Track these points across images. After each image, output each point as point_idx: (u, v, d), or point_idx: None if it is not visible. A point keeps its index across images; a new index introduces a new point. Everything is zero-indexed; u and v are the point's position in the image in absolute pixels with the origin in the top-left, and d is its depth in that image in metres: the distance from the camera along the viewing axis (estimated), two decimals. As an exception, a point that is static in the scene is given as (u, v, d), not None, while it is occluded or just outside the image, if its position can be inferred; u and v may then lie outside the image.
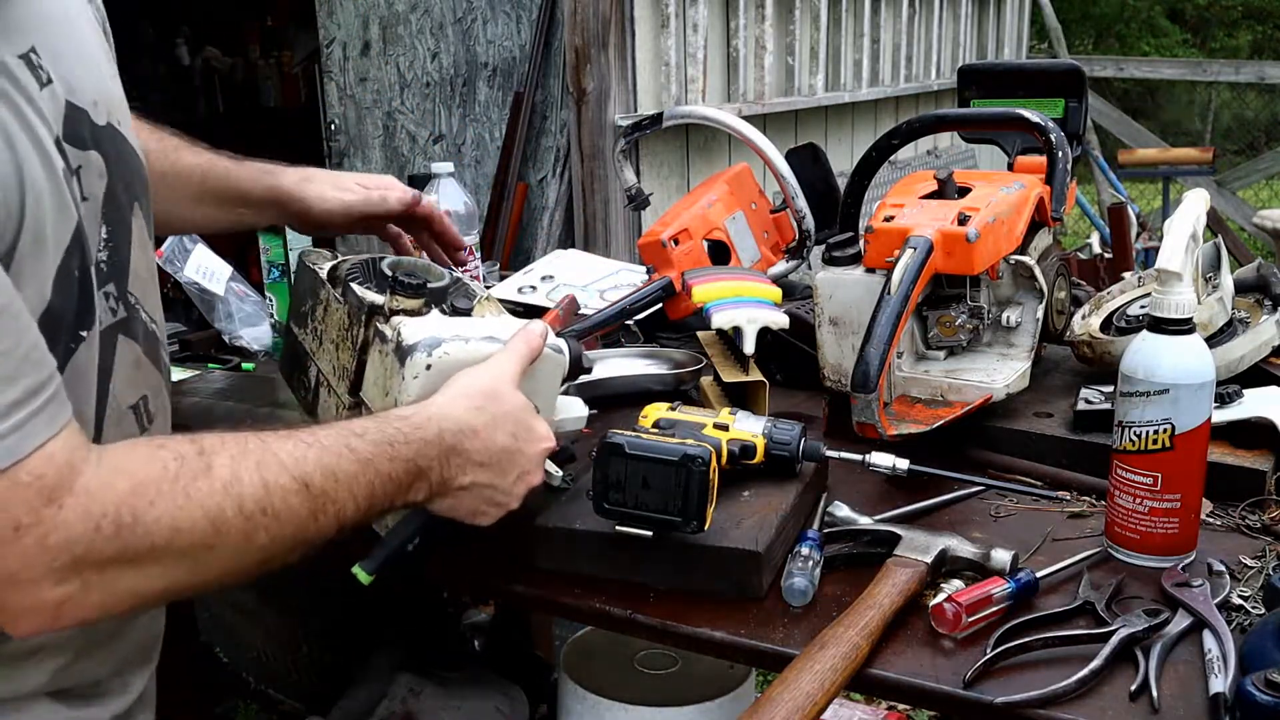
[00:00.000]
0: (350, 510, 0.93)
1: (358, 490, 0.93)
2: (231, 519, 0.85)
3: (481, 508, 1.06)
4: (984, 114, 1.73)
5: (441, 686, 2.22)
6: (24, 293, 0.82)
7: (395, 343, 1.10)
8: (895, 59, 5.32)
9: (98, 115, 0.96)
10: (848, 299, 1.45)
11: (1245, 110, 10.46)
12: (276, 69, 6.98)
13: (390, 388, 1.10)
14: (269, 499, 0.87)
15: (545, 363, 1.13)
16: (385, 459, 0.96)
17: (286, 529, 0.89)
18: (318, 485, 0.90)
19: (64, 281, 0.88)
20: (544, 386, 1.14)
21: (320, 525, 0.91)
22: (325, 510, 0.91)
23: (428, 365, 1.07)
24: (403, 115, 4.16)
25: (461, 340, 1.09)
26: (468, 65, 3.97)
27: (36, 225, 0.84)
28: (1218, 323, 1.43)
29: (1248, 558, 1.14)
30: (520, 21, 3.82)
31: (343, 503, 0.92)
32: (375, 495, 0.95)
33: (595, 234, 3.61)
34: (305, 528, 0.90)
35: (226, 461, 0.86)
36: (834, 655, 0.97)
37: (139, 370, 1.04)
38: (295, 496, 0.89)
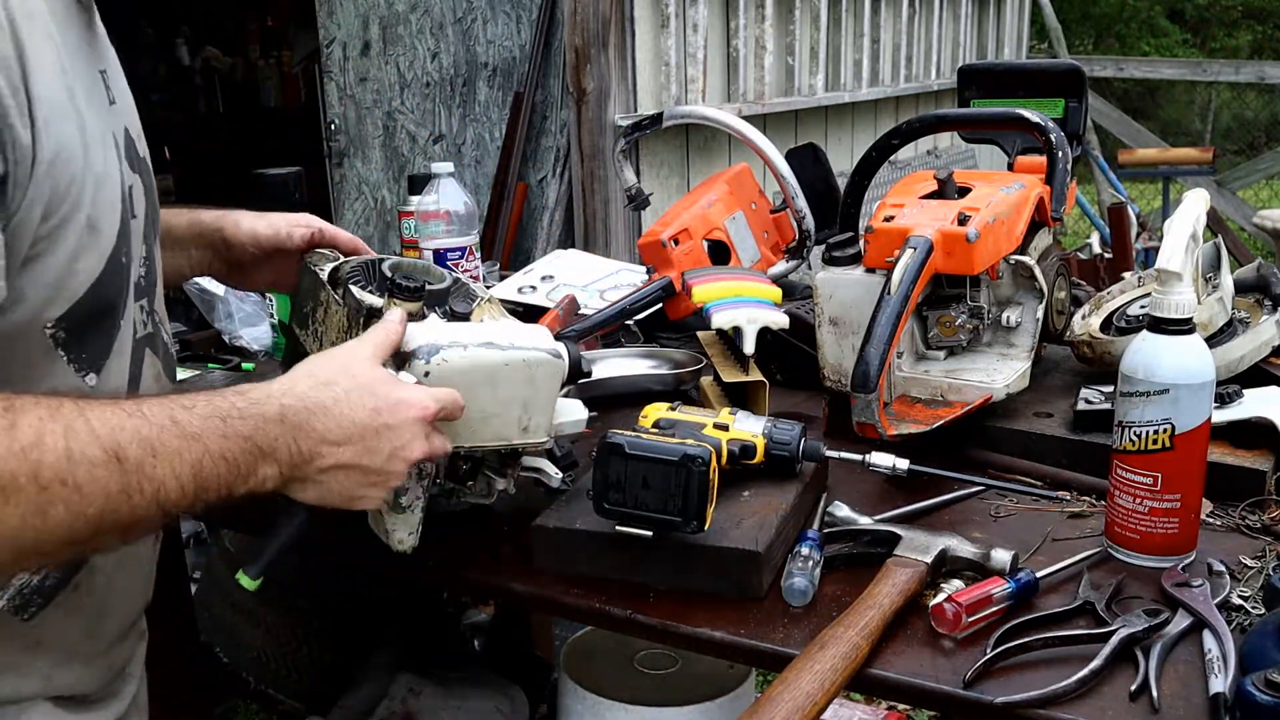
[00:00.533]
0: (173, 490, 0.85)
1: (181, 468, 0.85)
2: (24, 486, 0.78)
3: (357, 491, 0.98)
4: (984, 114, 1.73)
5: (441, 686, 2.22)
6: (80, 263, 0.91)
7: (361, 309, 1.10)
8: (895, 59, 5.32)
9: (140, 147, 1.06)
10: (848, 299, 1.45)
11: (1245, 110, 10.46)
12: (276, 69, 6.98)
13: None
14: (71, 470, 0.80)
15: (543, 367, 1.12)
16: (216, 435, 0.87)
17: (91, 505, 0.81)
18: (132, 459, 0.83)
19: (113, 266, 0.95)
20: (543, 391, 1.13)
21: (135, 505, 0.83)
22: (140, 489, 0.83)
23: (426, 372, 1.06)
24: (403, 115, 4.16)
25: (460, 347, 1.08)
26: (468, 65, 3.97)
27: (93, 210, 0.91)
28: (1218, 323, 1.43)
29: (1248, 558, 1.14)
30: (520, 21, 3.82)
31: (162, 480, 0.84)
32: (204, 476, 0.87)
33: (595, 234, 3.61)
34: (115, 506, 0.82)
35: (33, 422, 0.80)
36: (834, 655, 0.97)
37: (158, 384, 1.08)
38: (103, 469, 0.81)
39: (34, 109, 0.84)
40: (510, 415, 1.11)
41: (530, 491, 1.23)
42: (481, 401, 1.09)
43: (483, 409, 1.09)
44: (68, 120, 0.89)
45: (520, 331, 1.16)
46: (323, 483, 0.96)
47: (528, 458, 1.21)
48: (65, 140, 0.88)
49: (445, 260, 1.92)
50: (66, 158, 0.88)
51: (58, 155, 0.87)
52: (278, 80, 7.00)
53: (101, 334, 0.95)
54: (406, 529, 1.10)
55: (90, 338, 0.94)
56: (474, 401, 1.08)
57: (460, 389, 1.06)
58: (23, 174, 0.84)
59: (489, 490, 1.20)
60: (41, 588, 0.98)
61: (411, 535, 1.10)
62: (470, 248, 1.96)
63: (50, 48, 0.88)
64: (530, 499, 1.23)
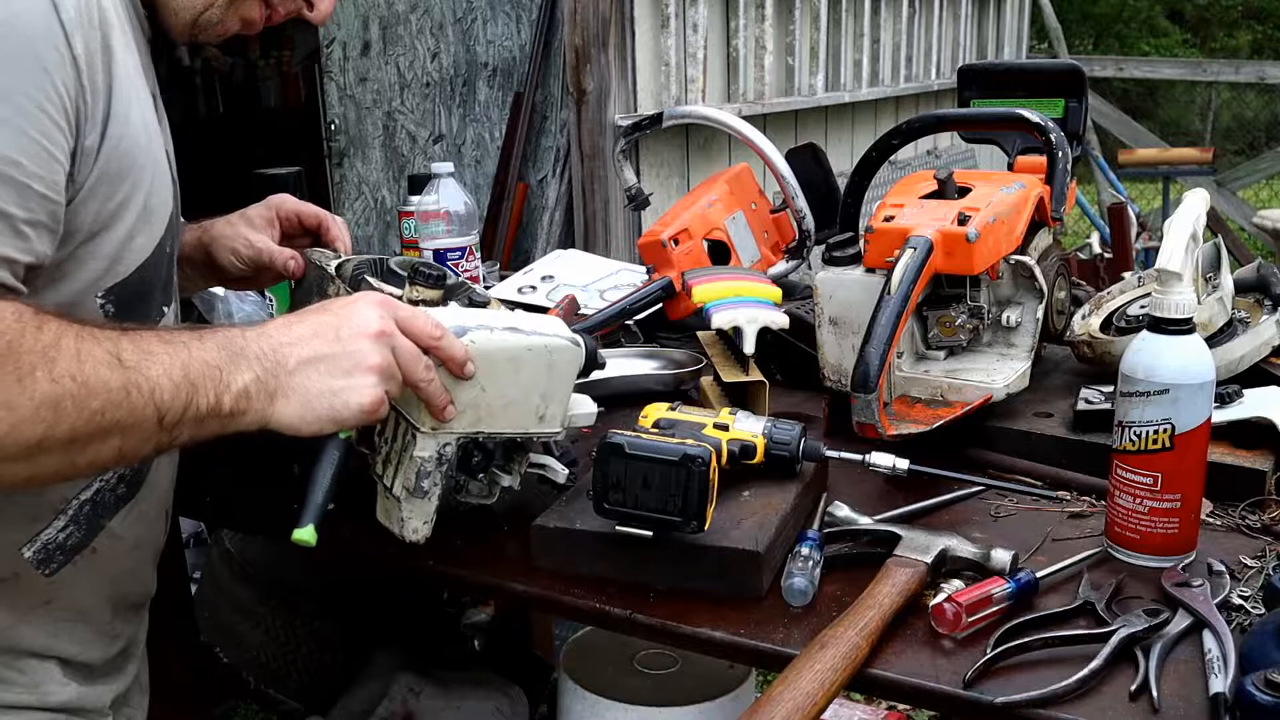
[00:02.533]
0: (166, 389, 0.91)
1: (171, 367, 0.91)
2: (40, 379, 0.85)
3: (336, 382, 0.98)
4: (984, 114, 1.73)
5: (441, 686, 2.22)
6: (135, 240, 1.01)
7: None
8: (895, 59, 5.32)
9: (173, 164, 1.13)
10: (848, 299, 1.45)
11: (1245, 110, 10.46)
12: (276, 69, 6.98)
13: None
14: (79, 366, 0.87)
15: (564, 354, 1.12)
16: (195, 343, 0.94)
17: (95, 399, 0.87)
18: (130, 360, 0.89)
19: (159, 255, 1.05)
20: (561, 380, 1.13)
21: (134, 404, 0.89)
22: (139, 386, 0.89)
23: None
24: (403, 115, 4.16)
25: (487, 329, 1.09)
26: (468, 65, 3.97)
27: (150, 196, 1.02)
28: (1218, 323, 1.43)
29: (1248, 558, 1.14)
30: (520, 21, 3.82)
31: (156, 379, 0.90)
32: (192, 375, 0.92)
33: (595, 234, 3.61)
34: (116, 404, 0.88)
35: (55, 328, 0.88)
36: (834, 655, 0.97)
37: None
38: (106, 368, 0.88)
39: (113, 88, 0.96)
40: (529, 403, 1.12)
41: (530, 491, 1.23)
42: (503, 385, 1.10)
43: (504, 393, 1.10)
44: (135, 106, 1.00)
45: (540, 320, 1.16)
46: (299, 388, 0.98)
47: (534, 455, 1.21)
48: (134, 124, 0.99)
49: (445, 260, 1.92)
50: (132, 141, 0.99)
51: (125, 135, 0.97)
52: (278, 80, 6.99)
53: (141, 315, 1.03)
54: (421, 518, 1.11)
55: (132, 317, 1.01)
56: (496, 385, 1.09)
57: (484, 371, 1.07)
58: (91, 147, 0.94)
59: (489, 491, 1.20)
60: (64, 545, 1.02)
61: (426, 525, 1.11)
62: (470, 248, 1.96)
63: (129, 53, 1.01)
64: (530, 499, 1.23)
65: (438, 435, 1.08)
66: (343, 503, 1.36)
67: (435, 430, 1.08)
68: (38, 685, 1.05)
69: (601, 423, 1.24)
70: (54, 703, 1.06)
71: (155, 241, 1.04)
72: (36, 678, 1.05)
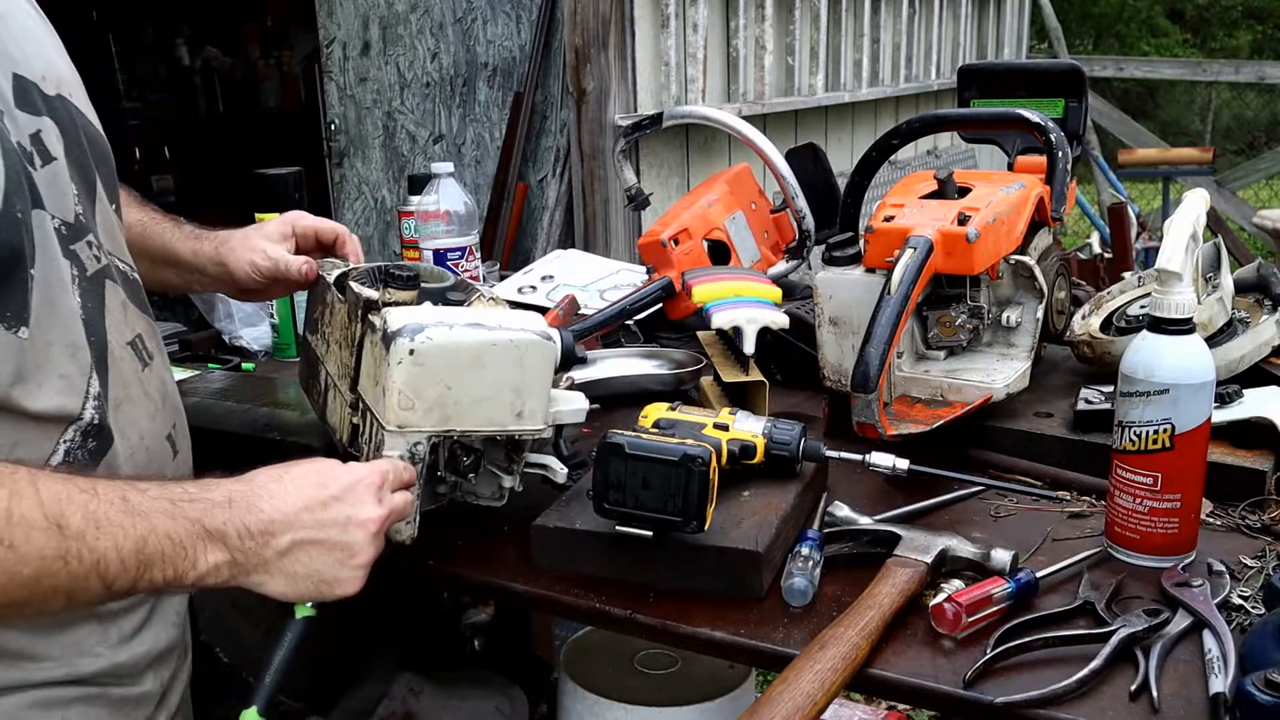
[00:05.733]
0: (113, 563, 0.87)
1: (124, 543, 0.87)
2: None
3: (329, 572, 0.98)
4: (984, 114, 1.73)
5: (441, 686, 2.22)
6: None
7: (382, 330, 1.10)
8: (895, 59, 5.32)
9: (47, 87, 1.04)
10: (848, 299, 1.45)
11: (1245, 110, 10.46)
12: (276, 69, 6.98)
13: (380, 376, 1.10)
14: (10, 530, 0.83)
15: (532, 350, 1.11)
16: (164, 515, 0.90)
17: (26, 566, 0.83)
18: (74, 528, 0.85)
19: (8, 221, 0.91)
20: (534, 375, 1.12)
21: (74, 573, 0.85)
22: (79, 557, 0.85)
23: (410, 350, 1.06)
24: (403, 115, 4.16)
25: (445, 326, 1.08)
26: (468, 65, 3.97)
27: None
28: (1218, 323, 1.43)
29: (1248, 558, 1.14)
30: (520, 21, 3.82)
31: (103, 552, 0.86)
32: (148, 553, 0.89)
33: (595, 234, 3.61)
34: (53, 571, 0.85)
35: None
36: (834, 655, 0.97)
37: (126, 312, 1.09)
38: (42, 535, 0.84)
39: None
40: (502, 399, 1.11)
41: (531, 491, 1.23)
42: (469, 382, 1.09)
43: (472, 391, 1.10)
44: None
45: (511, 316, 1.16)
46: (287, 569, 0.97)
47: (533, 455, 1.21)
48: None
49: (445, 260, 1.92)
50: None
51: None
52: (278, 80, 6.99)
53: (15, 287, 0.93)
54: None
55: (6, 295, 0.93)
56: (461, 382, 1.09)
57: (446, 370, 1.07)
58: None
59: (500, 493, 1.21)
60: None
61: (409, 525, 1.10)
62: (470, 248, 1.96)
63: None
64: (531, 498, 1.23)
65: (405, 434, 1.08)
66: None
67: (402, 428, 1.08)
68: (68, 658, 1.01)
69: (601, 423, 1.24)
70: (87, 673, 1.02)
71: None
72: (65, 650, 1.01)
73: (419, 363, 1.07)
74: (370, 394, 1.14)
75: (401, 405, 1.07)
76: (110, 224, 1.12)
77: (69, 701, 1.01)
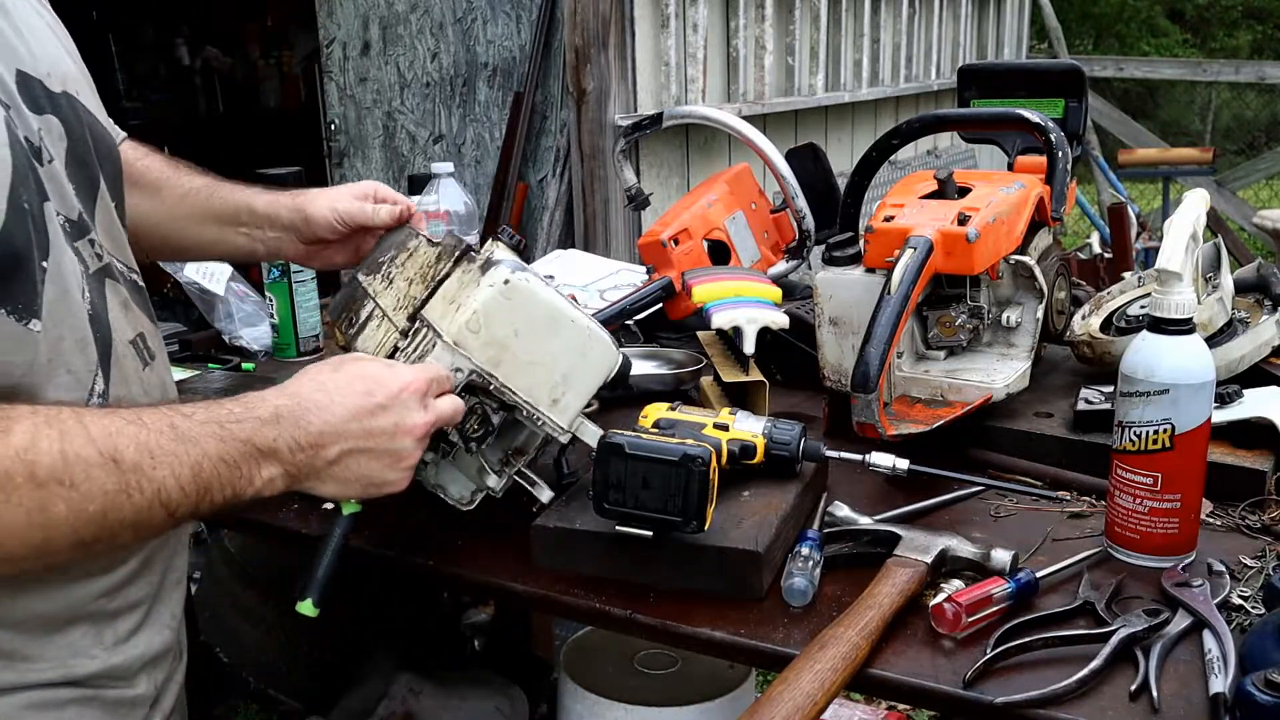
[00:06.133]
0: (173, 490, 0.88)
1: (179, 470, 0.88)
2: (21, 485, 0.82)
3: (376, 476, 1.01)
4: (984, 114, 1.73)
5: (441, 686, 2.22)
6: None
7: (485, 259, 1.14)
8: (895, 59, 5.32)
9: (51, 84, 1.03)
10: (848, 299, 1.45)
11: (1245, 110, 10.46)
12: (276, 69, 6.99)
13: (460, 298, 1.13)
14: (67, 469, 0.83)
15: (600, 347, 1.15)
16: (214, 438, 0.91)
17: (90, 503, 0.84)
18: (129, 460, 0.86)
19: (18, 208, 0.91)
20: (589, 370, 1.15)
21: (136, 504, 0.87)
22: (140, 488, 0.86)
23: (505, 279, 1.10)
24: (403, 115, 4.16)
25: (540, 279, 1.12)
26: (468, 65, 3.97)
27: None
28: (1218, 323, 1.43)
29: (1248, 558, 1.14)
30: (520, 21, 3.82)
31: (161, 481, 0.87)
32: (204, 477, 0.90)
33: (595, 234, 3.61)
34: (117, 505, 0.86)
35: (27, 429, 0.83)
36: (834, 655, 0.97)
37: (128, 311, 1.09)
38: (100, 470, 0.84)
39: None
40: (551, 377, 1.13)
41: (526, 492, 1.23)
42: (533, 342, 1.12)
43: (531, 351, 1.12)
44: None
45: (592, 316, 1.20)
46: (337, 475, 1.00)
47: (527, 469, 1.21)
48: None
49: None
50: None
51: None
52: (278, 80, 7.00)
53: (24, 280, 0.93)
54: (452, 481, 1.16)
55: (14, 288, 0.93)
56: (528, 338, 1.11)
57: (522, 316, 1.11)
58: None
59: (470, 497, 1.20)
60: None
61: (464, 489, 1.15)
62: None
63: None
64: (531, 498, 1.23)
65: (457, 353, 1.10)
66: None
67: (458, 345, 1.10)
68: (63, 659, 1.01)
69: (601, 423, 1.24)
70: (81, 675, 1.02)
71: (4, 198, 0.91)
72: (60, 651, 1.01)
73: (506, 295, 1.10)
74: (437, 310, 1.15)
75: (470, 326, 1.10)
76: (111, 224, 1.11)
77: (64, 703, 1.01)
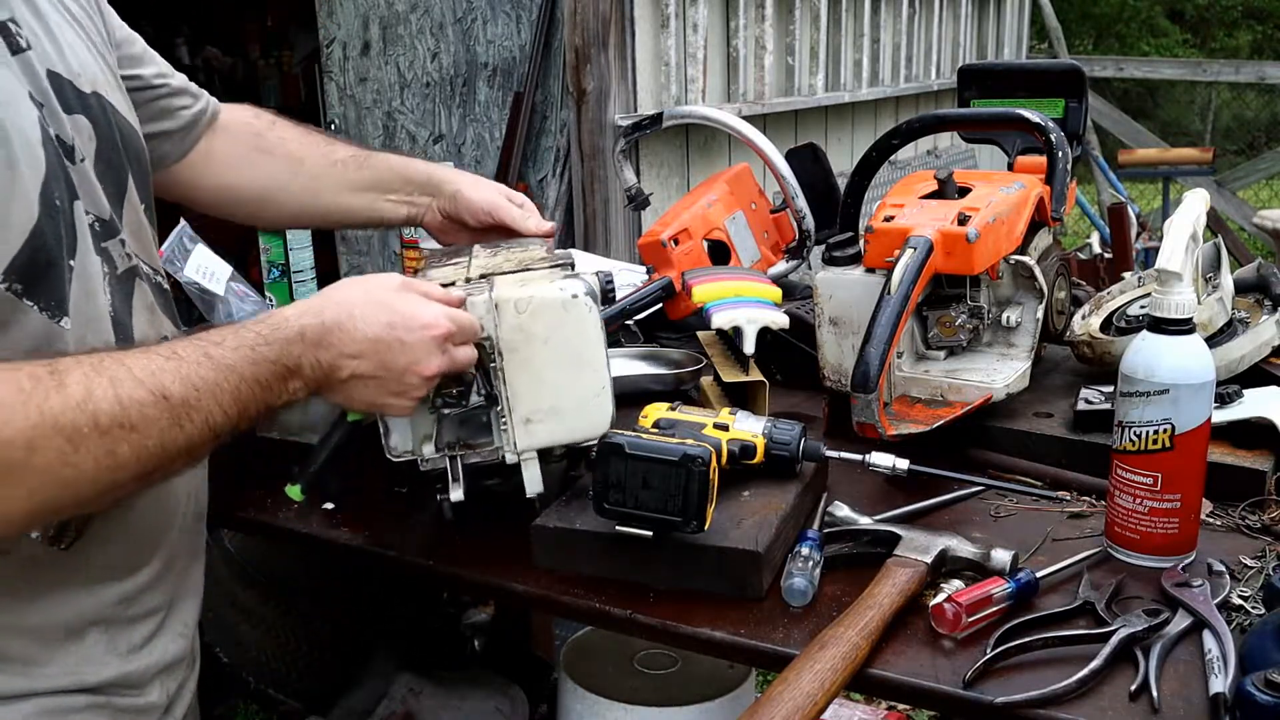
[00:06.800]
0: (219, 416, 0.93)
1: (222, 397, 0.93)
2: (88, 434, 0.85)
3: (379, 400, 1.05)
4: (984, 114, 1.73)
5: (441, 686, 2.22)
6: (9, 215, 0.91)
7: (573, 267, 1.20)
8: (895, 59, 5.31)
9: (81, 84, 1.06)
10: (848, 299, 1.45)
11: (1245, 110, 10.46)
12: (276, 69, 6.98)
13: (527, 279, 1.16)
14: (125, 413, 0.87)
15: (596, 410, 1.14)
16: (247, 364, 0.96)
17: (149, 440, 0.89)
18: (177, 395, 0.90)
19: (50, 206, 0.96)
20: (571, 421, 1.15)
21: (189, 434, 0.91)
22: (190, 419, 0.91)
23: (574, 294, 1.13)
24: (403, 115, 4.16)
25: (600, 319, 1.15)
26: (468, 65, 3.97)
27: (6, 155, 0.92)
28: (1218, 323, 1.43)
29: (1248, 558, 1.14)
30: (520, 21, 3.82)
31: (208, 410, 0.92)
32: (244, 400, 0.95)
33: (595, 234, 3.61)
34: (172, 438, 0.90)
35: (80, 379, 0.87)
36: (834, 655, 0.97)
37: (154, 315, 1.11)
38: (153, 408, 0.89)
39: None
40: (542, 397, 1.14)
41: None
42: (547, 358, 1.13)
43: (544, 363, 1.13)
44: None
45: None
46: (347, 391, 1.04)
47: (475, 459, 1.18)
48: None
49: (445, 260, 1.92)
50: None
51: None
52: (278, 80, 6.99)
53: (55, 278, 0.97)
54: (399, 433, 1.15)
55: (45, 285, 0.96)
56: (548, 349, 1.13)
57: (560, 332, 1.13)
58: None
59: (401, 451, 1.17)
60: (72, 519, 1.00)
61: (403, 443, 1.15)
62: (470, 248, 1.96)
63: None
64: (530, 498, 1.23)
65: (491, 311, 1.11)
66: (342, 504, 1.37)
67: (496, 305, 1.12)
68: (76, 667, 1.02)
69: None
70: (93, 682, 1.02)
71: (35, 202, 0.95)
72: (73, 659, 1.01)
73: (564, 305, 1.12)
74: (505, 281, 1.17)
75: (518, 306, 1.12)
76: (140, 226, 1.13)
77: (75, 710, 1.01)
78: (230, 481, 1.40)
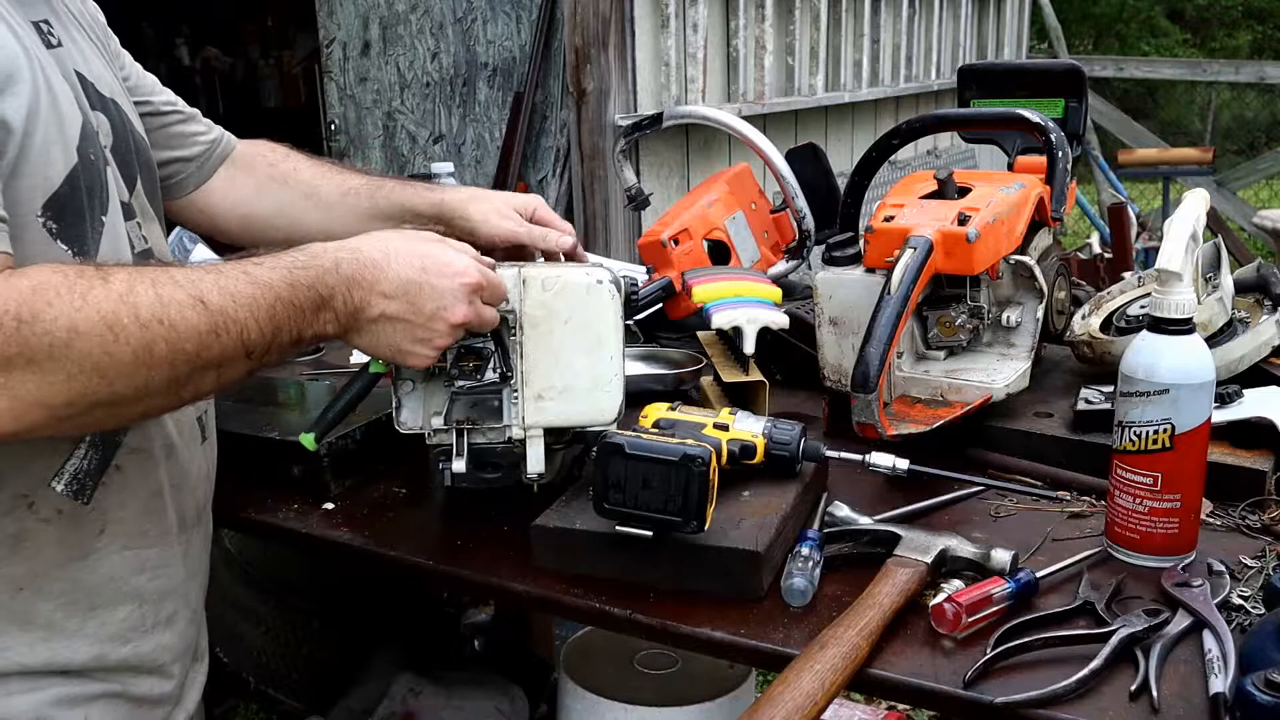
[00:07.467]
0: (254, 332, 0.94)
1: (259, 312, 0.95)
2: (127, 324, 0.87)
3: (404, 345, 1.06)
4: (984, 114, 1.73)
5: (441, 686, 2.22)
6: (51, 152, 0.96)
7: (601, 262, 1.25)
8: (895, 59, 5.32)
9: (101, 88, 1.10)
10: (848, 299, 1.45)
11: (1245, 110, 10.46)
12: (276, 69, 6.99)
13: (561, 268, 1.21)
14: (164, 310, 0.89)
15: (606, 396, 1.16)
16: (284, 284, 0.97)
17: (186, 342, 0.90)
18: (215, 303, 0.92)
19: (86, 159, 1.00)
20: (581, 405, 1.16)
21: (224, 344, 0.92)
22: (226, 329, 0.92)
23: (599, 280, 1.16)
24: (403, 115, 4.16)
25: (621, 312, 1.17)
26: (468, 65, 3.97)
27: (51, 98, 0.97)
28: (1218, 323, 1.43)
29: (1248, 558, 1.14)
30: (520, 21, 3.82)
31: (243, 323, 0.93)
32: (278, 319, 0.96)
33: (595, 234, 3.61)
34: (207, 344, 0.91)
35: (124, 276, 0.90)
36: (834, 655, 0.97)
37: None
38: (191, 310, 0.90)
39: None
40: (555, 375, 1.15)
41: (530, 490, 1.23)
42: (570, 339, 1.16)
43: (561, 343, 1.16)
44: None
45: None
46: (375, 332, 1.05)
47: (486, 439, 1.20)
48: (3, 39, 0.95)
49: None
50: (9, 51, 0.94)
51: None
52: (278, 80, 7.00)
53: (86, 228, 1.01)
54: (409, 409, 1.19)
55: (78, 232, 1.00)
56: (568, 331, 1.15)
57: (581, 317, 1.15)
58: None
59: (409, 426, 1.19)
60: (89, 469, 1.02)
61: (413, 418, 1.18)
62: (470, 248, 1.96)
63: None
64: (530, 498, 1.23)
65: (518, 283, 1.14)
66: (342, 504, 1.37)
67: (524, 281, 1.15)
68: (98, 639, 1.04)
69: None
70: (112, 661, 1.04)
71: (74, 147, 1.00)
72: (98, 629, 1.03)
73: (588, 289, 1.15)
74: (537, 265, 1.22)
75: (545, 284, 1.15)
76: (150, 221, 1.16)
77: (90, 699, 1.03)
78: (230, 482, 1.40)
